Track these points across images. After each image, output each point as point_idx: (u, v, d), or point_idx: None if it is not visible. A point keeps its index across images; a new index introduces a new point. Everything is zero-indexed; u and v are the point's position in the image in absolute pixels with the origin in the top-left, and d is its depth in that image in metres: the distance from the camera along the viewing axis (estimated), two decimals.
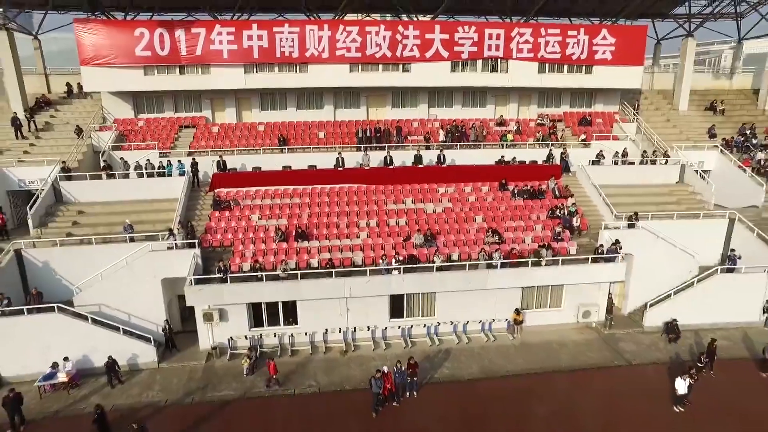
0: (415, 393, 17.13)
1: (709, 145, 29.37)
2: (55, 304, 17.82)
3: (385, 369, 16.32)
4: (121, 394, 17.34)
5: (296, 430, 15.49)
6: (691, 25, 32.93)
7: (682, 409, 16.32)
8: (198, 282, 18.50)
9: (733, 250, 22.46)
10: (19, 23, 28.28)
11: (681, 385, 16.12)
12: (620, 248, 20.89)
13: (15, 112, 26.39)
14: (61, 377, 17.19)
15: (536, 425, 15.69)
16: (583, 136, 29.95)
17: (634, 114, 32.10)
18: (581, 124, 31.23)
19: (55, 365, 17.30)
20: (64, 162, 23.43)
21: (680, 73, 33.49)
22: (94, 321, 18.32)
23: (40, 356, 17.35)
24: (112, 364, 17.54)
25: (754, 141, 30.07)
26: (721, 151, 28.74)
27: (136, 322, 19.32)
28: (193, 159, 24.90)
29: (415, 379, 17.02)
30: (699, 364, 18.27)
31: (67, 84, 30.91)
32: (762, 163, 28.11)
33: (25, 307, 17.61)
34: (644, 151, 28.29)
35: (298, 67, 27.98)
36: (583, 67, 30.39)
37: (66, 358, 17.51)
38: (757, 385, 17.73)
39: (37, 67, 31.25)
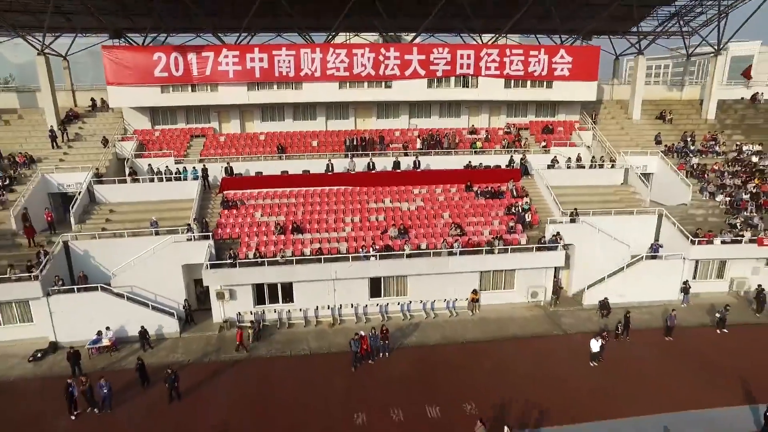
0: (387, 354, 21.43)
1: (653, 151, 33.66)
2: (98, 285, 22.19)
3: (363, 333, 20.67)
4: (151, 356, 21.56)
5: (290, 382, 19.72)
6: (641, 44, 37.31)
7: (596, 364, 20.65)
8: (213, 266, 22.89)
9: (656, 241, 26.81)
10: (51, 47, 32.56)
11: (594, 345, 20.46)
12: (560, 239, 25.25)
13: (51, 126, 30.72)
14: (105, 342, 21.53)
15: (481, 377, 19.91)
16: (543, 143, 34.23)
17: (591, 123, 36.43)
18: (544, 132, 35.52)
19: (99, 333, 21.65)
20: (97, 169, 27.77)
21: (633, 86, 37.86)
22: (129, 299, 22.70)
23: (87, 326, 21.64)
24: (143, 332, 21.84)
25: (692, 147, 34.40)
26: (662, 156, 33.05)
27: (161, 300, 23.66)
28: (204, 165, 29.25)
29: (386, 342, 21.35)
30: (617, 332, 22.70)
31: (92, 99, 35.20)
32: (695, 166, 32.46)
33: (75, 287, 21.99)
34: (593, 157, 32.64)
35: (294, 85, 32.30)
36: (544, 82, 34.72)
37: (108, 328, 21.86)
38: (659, 346, 22.07)
39: (65, 83, 35.59)
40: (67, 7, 30.95)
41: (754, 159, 33.09)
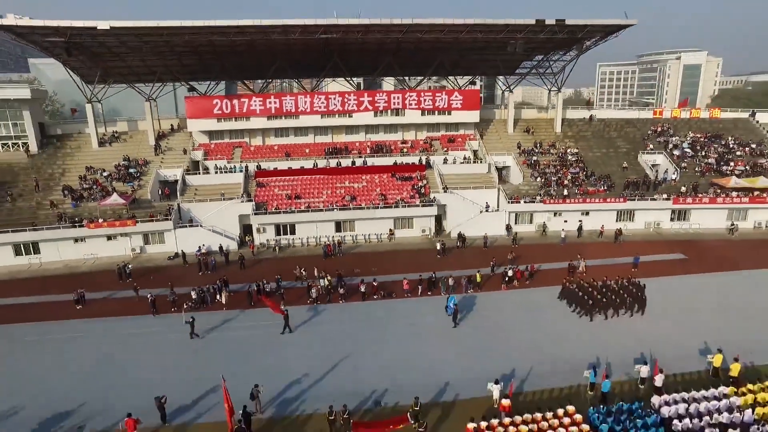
0: (341, 254, 43.84)
1: (509, 152, 55.87)
2: (198, 224, 44.83)
3: (327, 242, 43.23)
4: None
5: (294, 264, 41.99)
6: (510, 87, 59.78)
7: (440, 257, 42.88)
8: (255, 214, 45.39)
9: (487, 203, 49.18)
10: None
11: (438, 246, 42.83)
12: (435, 200, 47.65)
13: (154, 143, 53.38)
14: (203, 251, 43.93)
15: (384, 262, 42.07)
16: (446, 149, 56.53)
17: (479, 136, 58.72)
18: (448, 142, 57.85)
19: (200, 247, 44.04)
20: (187, 166, 50.42)
21: (508, 111, 60.22)
22: (213, 231, 45.25)
23: (193, 243, 43.98)
24: (221, 247, 44.15)
25: (536, 150, 56.65)
26: (514, 156, 55.26)
27: (227, 233, 46.15)
28: (246, 165, 51.78)
29: (341, 247, 43.85)
30: (458, 245, 45.07)
31: (171, 124, 57.80)
32: (533, 162, 54.68)
33: (187, 224, 44.65)
34: (470, 156, 55.13)
35: (294, 116, 54.70)
36: (446, 112, 57.02)
37: (203, 244, 44.25)
38: (477, 251, 44.27)
39: (154, 114, 58.14)
40: (161, 70, 53.50)
41: (570, 157, 55.42)
